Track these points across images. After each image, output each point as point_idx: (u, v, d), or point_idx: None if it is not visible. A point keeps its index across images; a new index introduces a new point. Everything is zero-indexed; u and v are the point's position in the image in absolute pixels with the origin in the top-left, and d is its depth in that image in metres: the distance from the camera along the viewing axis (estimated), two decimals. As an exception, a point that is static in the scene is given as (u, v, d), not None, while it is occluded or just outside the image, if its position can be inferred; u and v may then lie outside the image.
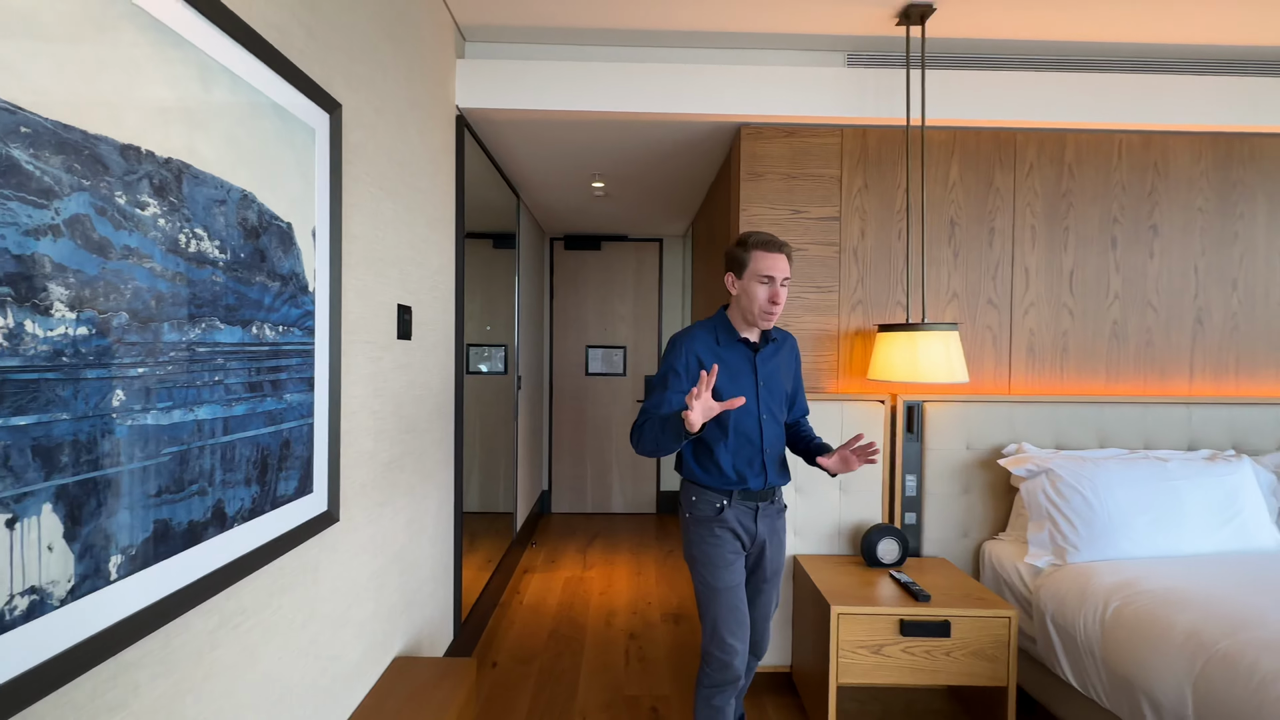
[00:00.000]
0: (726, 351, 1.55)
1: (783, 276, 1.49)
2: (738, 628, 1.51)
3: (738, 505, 1.53)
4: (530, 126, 2.36)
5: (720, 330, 1.57)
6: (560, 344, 4.53)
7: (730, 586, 1.52)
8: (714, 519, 1.52)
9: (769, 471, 1.55)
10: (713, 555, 1.52)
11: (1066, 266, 2.26)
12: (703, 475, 1.55)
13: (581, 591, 3.07)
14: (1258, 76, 2.19)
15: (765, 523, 1.56)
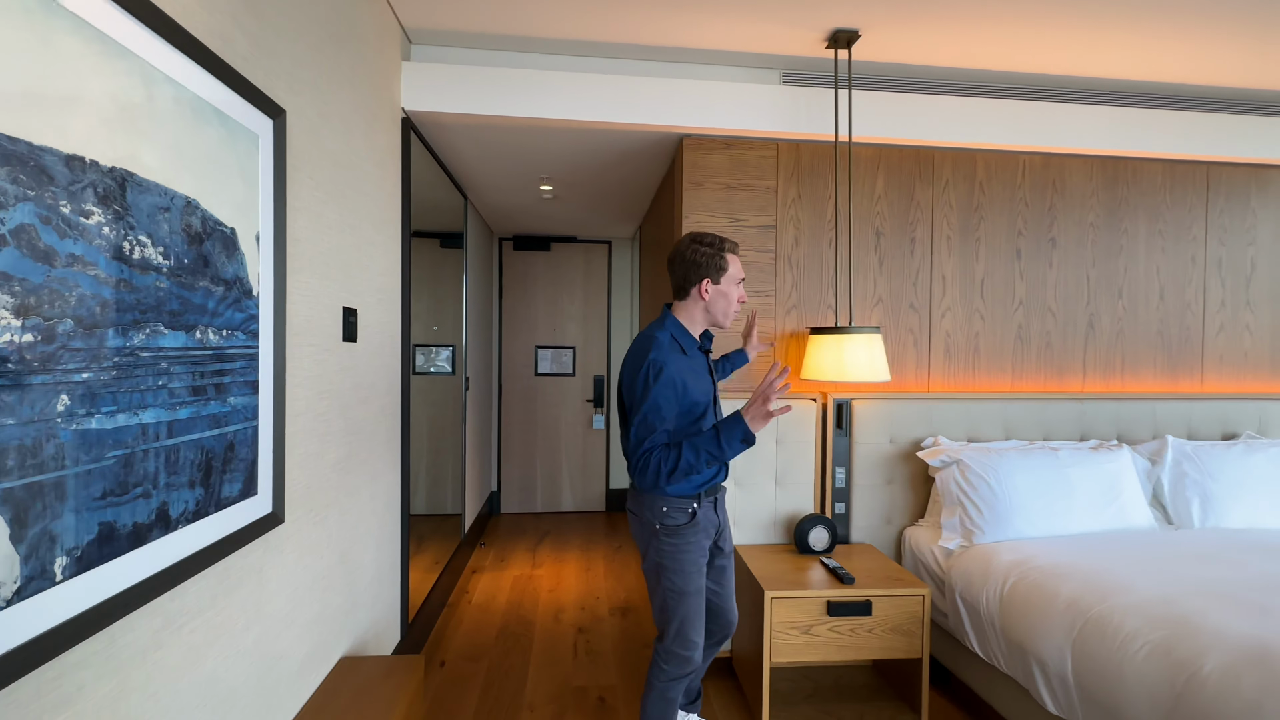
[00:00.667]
0: (693, 361, 1.57)
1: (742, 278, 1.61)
2: (701, 625, 1.57)
3: (704, 503, 1.57)
4: (478, 130, 2.38)
5: (682, 340, 1.57)
6: (509, 344, 4.53)
7: (699, 589, 1.55)
8: (687, 525, 1.53)
9: (729, 466, 1.68)
10: (684, 561, 1.53)
11: (978, 274, 2.48)
12: (673, 485, 1.52)
13: (531, 589, 3.11)
14: (1139, 108, 2.46)
15: (721, 510, 1.67)
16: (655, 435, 1.46)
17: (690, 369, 1.53)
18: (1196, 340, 2.60)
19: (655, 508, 1.54)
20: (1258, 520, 2.16)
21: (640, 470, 1.46)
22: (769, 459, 2.26)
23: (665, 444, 1.46)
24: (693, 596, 1.55)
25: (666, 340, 1.52)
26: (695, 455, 1.41)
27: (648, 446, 1.45)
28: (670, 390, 1.47)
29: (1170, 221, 2.58)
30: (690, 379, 1.51)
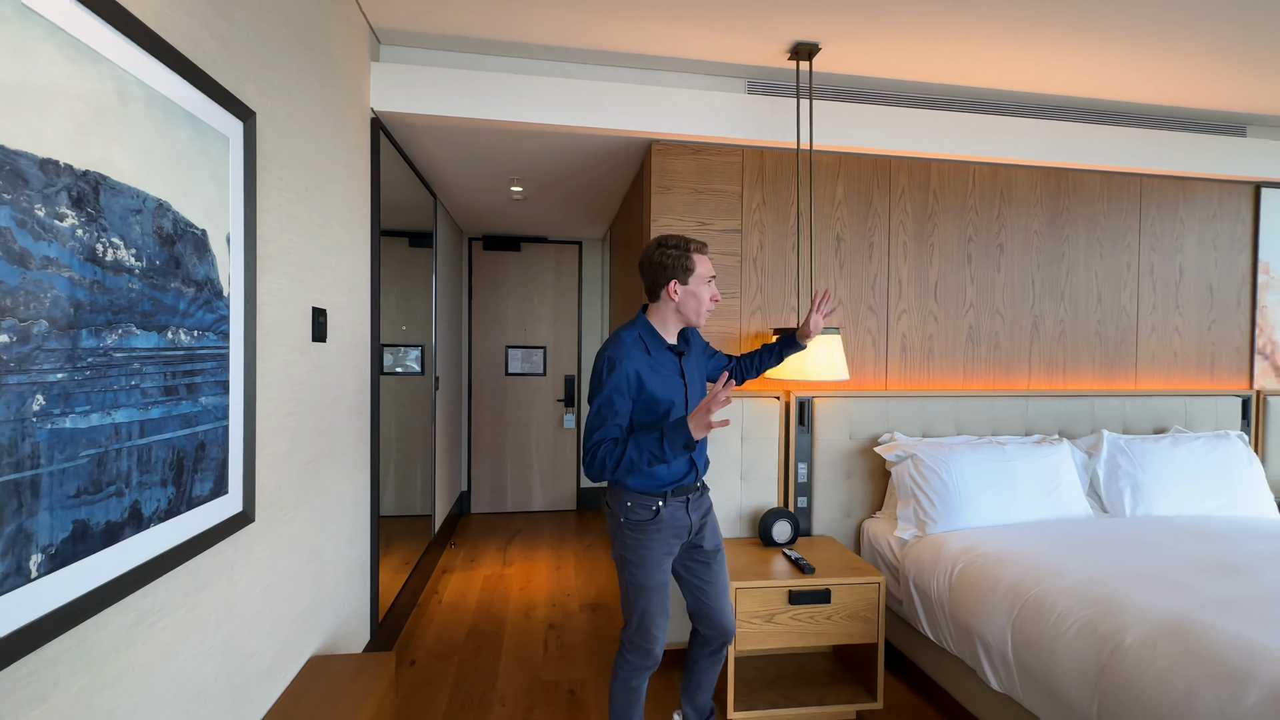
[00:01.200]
0: (657, 360, 1.57)
1: (712, 277, 1.61)
2: (663, 620, 1.60)
3: (671, 502, 1.57)
4: (448, 131, 2.39)
5: (648, 340, 1.58)
6: (479, 344, 4.53)
7: (660, 585, 1.57)
8: (650, 521, 1.55)
9: (699, 466, 1.63)
10: (645, 556, 1.55)
11: (932, 278, 2.60)
12: (634, 481, 1.56)
13: (501, 588, 3.13)
14: (1078, 123, 2.62)
15: (696, 510, 1.64)
16: (606, 428, 1.50)
17: (652, 367, 1.55)
18: (1131, 341, 2.78)
19: (621, 502, 1.58)
20: (1183, 508, 2.33)
21: (588, 461, 1.51)
22: (734, 455, 2.34)
23: (615, 438, 1.50)
24: (653, 591, 1.57)
25: (631, 339, 1.56)
26: (639, 453, 1.45)
27: (597, 439, 1.50)
28: (624, 385, 1.50)
29: (1107, 229, 2.75)
30: (651, 377, 1.53)
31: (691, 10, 1.97)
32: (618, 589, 3.12)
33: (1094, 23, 1.99)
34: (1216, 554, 1.83)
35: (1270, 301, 2.90)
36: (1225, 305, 2.86)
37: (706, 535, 1.68)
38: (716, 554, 1.69)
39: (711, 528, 1.70)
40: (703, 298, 1.57)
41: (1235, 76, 2.35)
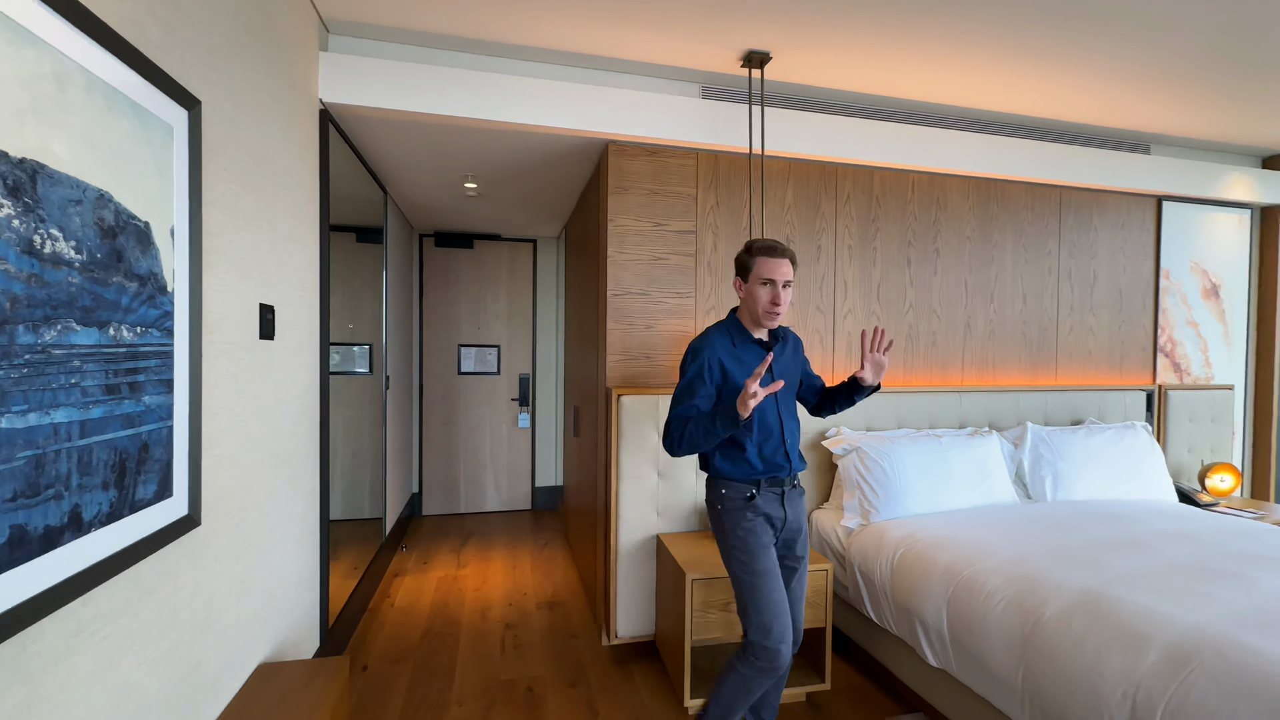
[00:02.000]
0: (743, 351, 1.62)
1: (784, 279, 1.57)
2: (781, 614, 1.52)
3: (766, 492, 1.60)
4: (399, 125, 2.35)
5: (734, 332, 1.65)
6: (431, 343, 4.44)
7: (769, 570, 1.55)
8: (745, 508, 1.59)
9: (791, 459, 1.64)
10: (749, 541, 1.57)
11: (875, 280, 2.74)
12: (732, 469, 1.61)
13: (456, 589, 3.09)
14: (1007, 137, 2.81)
15: (791, 507, 1.64)
16: (682, 408, 1.59)
17: (736, 357, 1.61)
18: (1052, 340, 3.01)
19: (716, 490, 1.64)
20: (1096, 492, 2.55)
21: (664, 436, 1.62)
22: (690, 451, 2.40)
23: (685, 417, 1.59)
24: (763, 577, 1.54)
25: (717, 331, 1.65)
26: (696, 427, 1.54)
27: (673, 415, 1.60)
28: (705, 373, 1.59)
29: (1031, 236, 2.96)
30: (734, 366, 1.60)
31: (648, 14, 2.01)
32: (574, 585, 3.13)
33: (1022, 46, 2.14)
34: (1124, 533, 2.01)
35: (1170, 304, 3.20)
36: (1132, 307, 3.14)
37: (798, 541, 1.67)
38: (803, 562, 1.68)
39: (803, 535, 1.68)
40: (760, 298, 1.58)
41: (1141, 100, 2.58)
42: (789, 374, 1.69)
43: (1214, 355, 3.29)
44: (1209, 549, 1.85)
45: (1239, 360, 3.35)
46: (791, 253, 1.61)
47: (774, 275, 1.57)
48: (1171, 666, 1.28)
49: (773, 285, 1.57)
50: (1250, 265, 3.37)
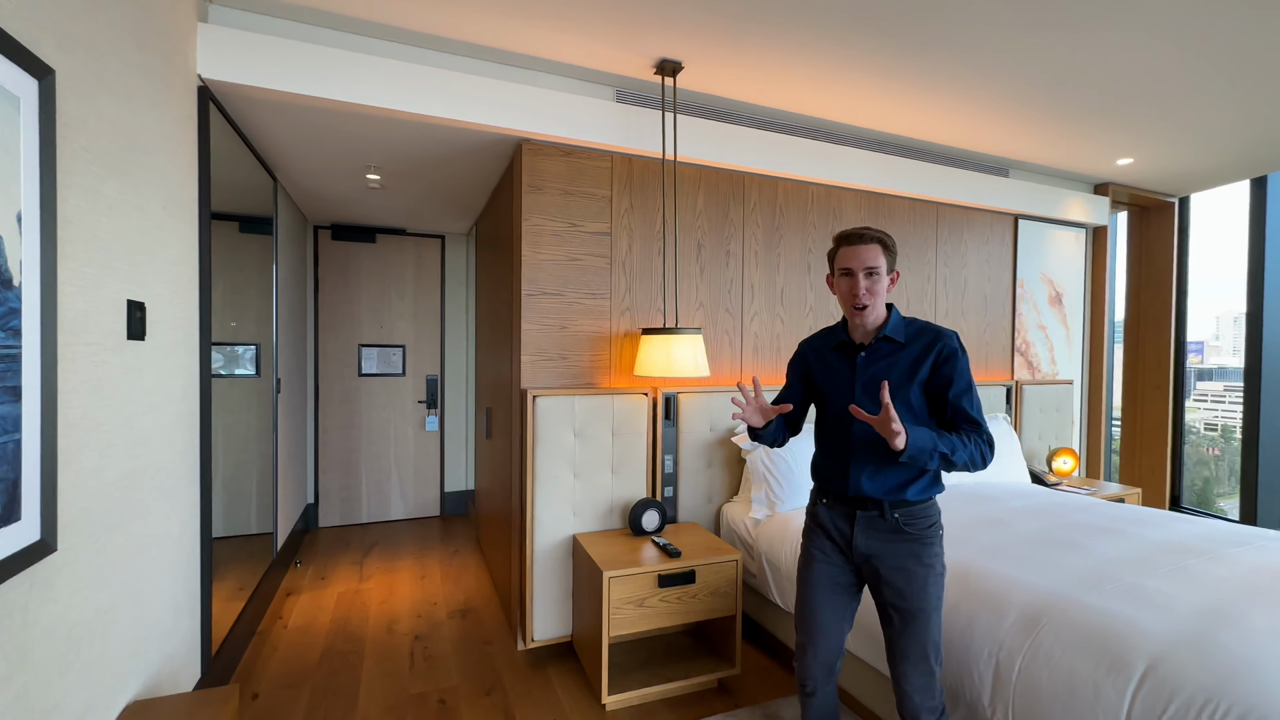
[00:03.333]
0: (831, 354, 1.52)
1: (864, 267, 1.39)
2: (809, 623, 1.49)
3: (833, 507, 1.48)
4: (293, 110, 2.18)
5: (835, 333, 1.54)
6: (328, 343, 4.15)
7: (805, 580, 1.51)
8: (812, 512, 1.55)
9: (852, 478, 1.42)
10: (806, 545, 1.55)
11: (779, 285, 2.90)
12: (813, 472, 1.57)
13: (359, 604, 2.91)
14: (893, 156, 3.08)
15: (870, 537, 1.42)
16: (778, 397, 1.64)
17: (822, 358, 1.55)
18: (930, 341, 3.33)
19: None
20: (967, 477, 2.85)
21: None
22: (605, 451, 2.42)
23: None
24: (802, 587, 1.52)
25: (824, 329, 1.61)
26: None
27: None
28: (795, 365, 1.62)
29: (913, 247, 3.27)
30: (817, 365, 1.55)
31: (563, 15, 2.01)
32: (488, 591, 3.06)
33: (908, 77, 2.36)
34: (989, 512, 2.28)
35: (1024, 310, 3.65)
36: (995, 312, 3.54)
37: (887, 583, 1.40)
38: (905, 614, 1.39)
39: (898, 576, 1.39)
40: (842, 291, 1.45)
41: (1002, 130, 2.93)
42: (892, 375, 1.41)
43: (1058, 354, 3.79)
44: (1054, 522, 2.14)
45: (1077, 358, 3.89)
46: (880, 236, 1.41)
47: (850, 264, 1.41)
48: (1026, 626, 1.47)
49: (852, 275, 1.41)
50: (1085, 277, 3.91)
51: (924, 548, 1.40)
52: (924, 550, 1.40)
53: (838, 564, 1.48)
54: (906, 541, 1.40)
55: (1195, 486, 4.00)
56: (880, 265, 1.40)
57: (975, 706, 1.49)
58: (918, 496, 1.41)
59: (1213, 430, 4.09)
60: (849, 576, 1.48)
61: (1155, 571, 1.65)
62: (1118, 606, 1.44)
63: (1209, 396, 4.09)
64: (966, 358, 1.42)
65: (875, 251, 1.40)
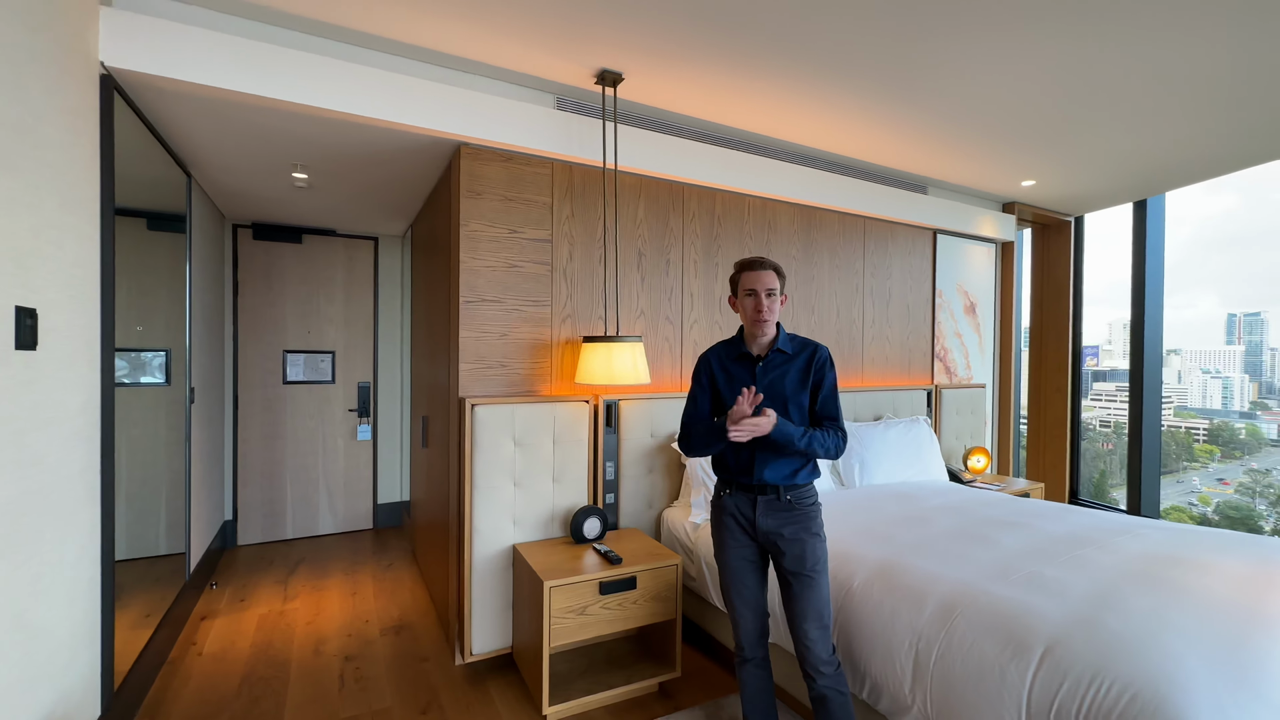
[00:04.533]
0: (732, 364, 1.76)
1: (765, 289, 1.66)
2: (736, 597, 1.71)
3: (737, 495, 1.72)
4: (210, 103, 2.06)
5: (734, 346, 1.78)
6: (249, 349, 3.91)
7: (725, 563, 1.73)
8: (719, 502, 1.77)
9: (757, 469, 1.67)
10: (718, 533, 1.76)
11: (717, 293, 2.98)
12: (718, 467, 1.76)
13: (283, 626, 2.76)
14: (824, 171, 3.22)
15: (770, 517, 1.66)
16: (686, 413, 1.81)
17: (726, 370, 1.76)
18: (859, 348, 3.51)
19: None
20: (893, 477, 3.02)
21: (678, 438, 1.80)
22: (546, 459, 2.41)
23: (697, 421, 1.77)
24: (724, 569, 1.74)
25: (722, 343, 1.83)
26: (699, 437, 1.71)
27: (683, 420, 1.81)
28: (701, 380, 1.79)
29: (843, 258, 3.43)
30: (721, 376, 1.76)
31: (503, 21, 2.00)
32: (424, 605, 2.97)
33: (836, 98, 2.48)
34: (911, 510, 2.42)
35: (942, 319, 3.90)
36: (917, 320, 3.77)
37: (788, 554, 1.64)
38: (801, 577, 1.63)
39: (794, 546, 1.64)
40: (746, 309, 1.70)
41: (921, 151, 3.13)
42: (778, 388, 1.69)
43: (973, 360, 4.08)
44: (969, 518, 2.30)
45: (989, 364, 4.19)
46: (775, 265, 1.69)
47: (754, 286, 1.67)
48: (942, 616, 1.58)
49: (755, 296, 1.67)
50: (995, 288, 4.23)
51: (811, 519, 1.69)
52: (811, 522, 1.68)
53: (745, 542, 1.72)
54: (798, 516, 1.68)
55: (1092, 479, 4.39)
56: (776, 288, 1.68)
57: (898, 695, 1.59)
58: (805, 480, 1.71)
59: (1106, 427, 4.51)
60: (755, 553, 1.73)
61: (1053, 561, 1.81)
62: (1020, 595, 1.57)
63: (1103, 396, 4.50)
64: (834, 368, 1.75)
65: (773, 276, 1.68)
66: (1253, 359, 4.09)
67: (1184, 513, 4.09)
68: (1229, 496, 4.00)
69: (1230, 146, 2.96)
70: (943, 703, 1.47)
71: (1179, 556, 1.82)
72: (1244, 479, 3.99)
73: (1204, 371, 4.20)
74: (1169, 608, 1.47)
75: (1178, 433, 4.19)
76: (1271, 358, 4.05)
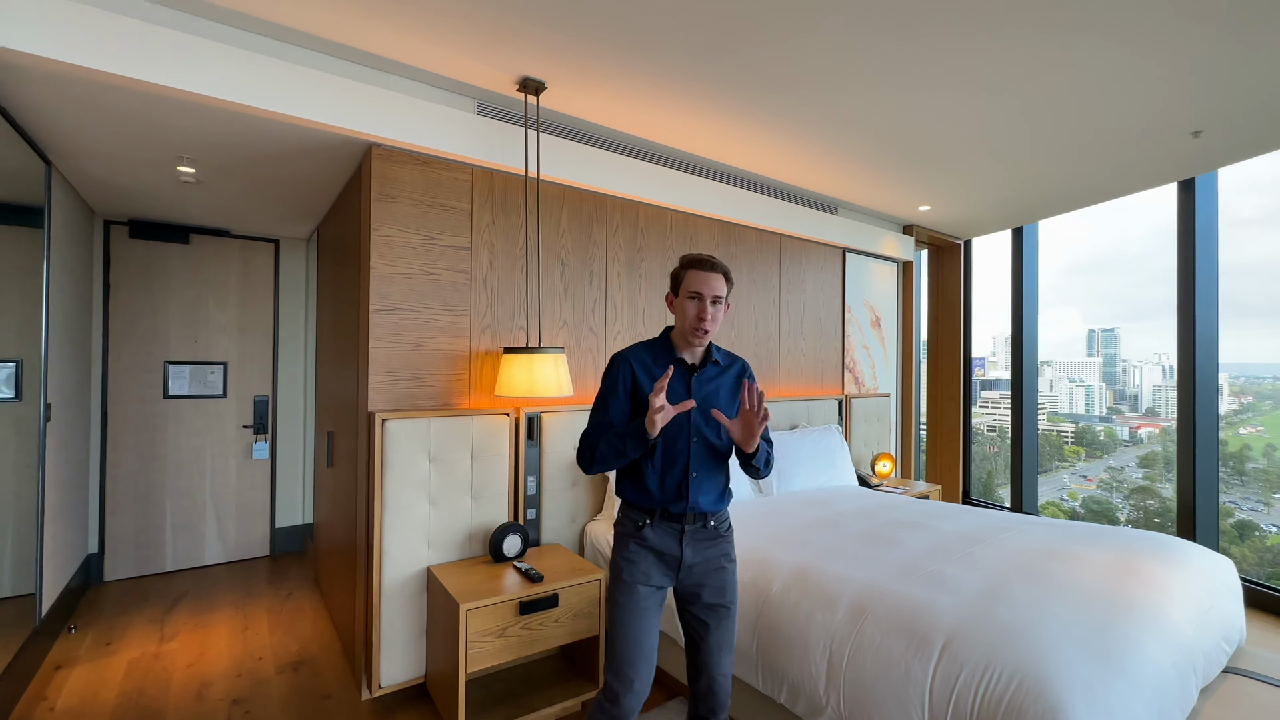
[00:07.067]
0: (661, 371, 1.52)
1: (712, 294, 1.47)
2: (636, 657, 1.43)
3: (659, 525, 1.49)
4: (76, 84, 1.83)
5: (659, 350, 1.55)
6: (124, 359, 3.50)
7: (634, 608, 1.45)
8: (633, 536, 1.50)
9: (691, 494, 1.48)
10: (623, 574, 1.49)
11: (640, 304, 3.00)
12: (631, 494, 1.53)
13: (158, 670, 2.46)
14: (742, 189, 3.34)
15: (694, 548, 1.49)
16: (592, 423, 1.54)
17: (652, 374, 1.52)
18: (776, 359, 3.65)
19: (618, 514, 1.57)
20: (808, 483, 3.15)
21: (577, 453, 1.54)
22: (464, 475, 2.31)
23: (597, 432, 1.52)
24: (626, 620, 1.45)
25: (640, 345, 1.59)
26: (606, 445, 1.47)
27: (586, 431, 1.54)
28: (619, 385, 1.53)
29: (761, 273, 3.56)
30: (648, 382, 1.52)
31: (420, 20, 1.92)
32: (327, 637, 2.75)
33: (754, 119, 2.58)
34: (824, 515, 2.53)
35: (851, 332, 4.14)
36: (829, 334, 3.98)
37: (707, 587, 1.51)
38: (719, 610, 1.52)
39: (714, 577, 1.51)
40: (687, 312, 1.49)
41: (831, 173, 3.32)
42: (715, 402, 1.54)
43: (879, 371, 4.35)
44: (877, 521, 2.43)
45: (893, 374, 4.49)
46: (725, 268, 1.51)
47: (701, 289, 1.47)
48: (853, 617, 1.65)
49: (700, 300, 1.48)
50: (897, 304, 4.54)
51: (729, 545, 1.57)
52: (729, 548, 1.57)
53: (662, 584, 1.50)
54: (719, 543, 1.55)
55: (981, 480, 4.79)
56: (724, 295, 1.51)
57: (813, 697, 1.64)
58: (728, 501, 1.59)
59: (992, 432, 4.94)
60: (664, 597, 1.52)
61: (950, 559, 1.94)
62: (921, 592, 1.67)
63: (990, 404, 4.93)
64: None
65: (722, 282, 1.51)
66: (1109, 369, 4.65)
67: (1058, 507, 4.55)
68: (1092, 492, 4.50)
69: (1085, 184, 3.36)
70: (854, 701, 1.53)
71: (1055, 549, 2.01)
72: (1104, 476, 4.51)
73: (1071, 381, 4.71)
74: (1048, 597, 1.61)
75: (1051, 435, 4.67)
76: (1123, 368, 4.61)
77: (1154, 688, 1.38)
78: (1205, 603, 1.79)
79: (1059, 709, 1.23)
